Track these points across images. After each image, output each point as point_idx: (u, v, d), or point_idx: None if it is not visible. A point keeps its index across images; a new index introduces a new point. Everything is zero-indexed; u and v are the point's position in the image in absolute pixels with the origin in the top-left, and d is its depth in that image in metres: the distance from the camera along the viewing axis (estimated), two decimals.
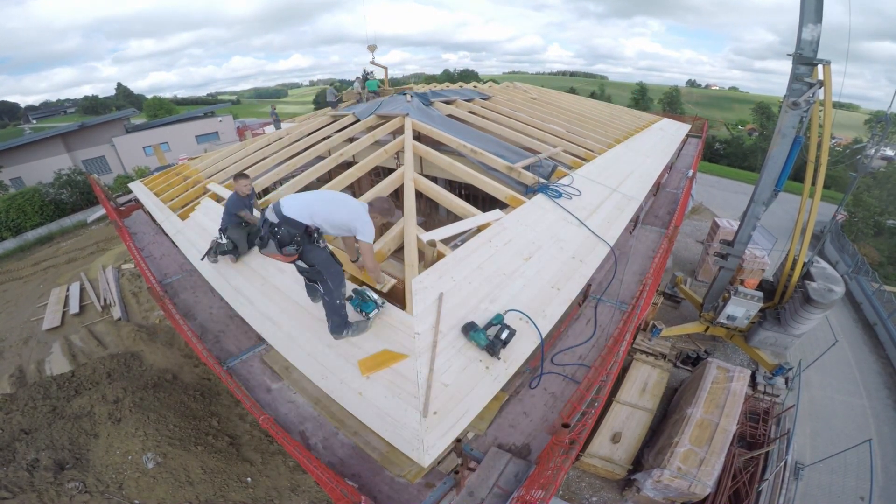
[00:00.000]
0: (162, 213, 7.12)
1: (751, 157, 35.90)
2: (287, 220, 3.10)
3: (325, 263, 3.37)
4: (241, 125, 28.01)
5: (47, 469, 6.66)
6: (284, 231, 3.09)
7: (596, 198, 6.59)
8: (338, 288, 3.46)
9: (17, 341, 11.62)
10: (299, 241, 3.16)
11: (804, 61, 6.83)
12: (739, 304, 9.32)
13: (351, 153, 7.54)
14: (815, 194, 7.99)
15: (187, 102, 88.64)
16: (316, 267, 3.33)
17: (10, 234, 19.29)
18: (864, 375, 10.71)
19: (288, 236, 3.10)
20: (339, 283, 3.47)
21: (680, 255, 15.94)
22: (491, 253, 4.71)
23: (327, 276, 3.37)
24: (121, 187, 16.61)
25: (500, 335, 3.47)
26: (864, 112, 73.21)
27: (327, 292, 3.44)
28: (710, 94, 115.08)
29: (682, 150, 14.04)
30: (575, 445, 2.84)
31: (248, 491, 6.92)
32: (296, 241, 3.14)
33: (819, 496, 7.65)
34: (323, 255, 3.37)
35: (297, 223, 3.12)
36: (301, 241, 3.18)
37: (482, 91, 12.94)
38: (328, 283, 3.40)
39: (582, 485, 7.49)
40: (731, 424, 7.00)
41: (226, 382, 3.82)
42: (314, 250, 3.30)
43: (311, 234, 3.26)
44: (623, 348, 4.02)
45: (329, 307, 3.52)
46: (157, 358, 10.19)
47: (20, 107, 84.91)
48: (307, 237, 3.23)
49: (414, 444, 2.86)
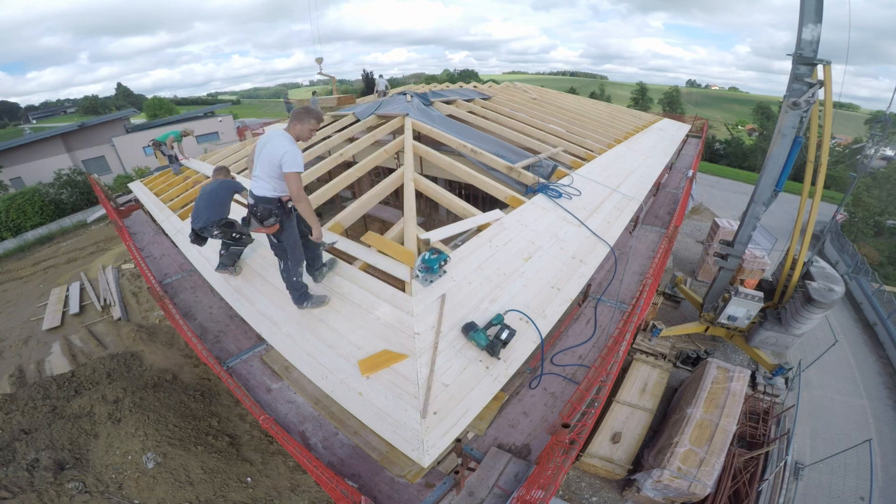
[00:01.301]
0: (162, 213, 7.12)
1: (751, 157, 35.92)
2: (259, 199, 3.41)
3: (292, 244, 3.68)
4: (241, 125, 27.99)
5: (47, 469, 6.66)
6: (261, 208, 3.40)
7: (596, 198, 6.59)
8: (295, 267, 3.81)
9: (17, 341, 11.61)
10: (277, 213, 3.43)
11: (804, 61, 6.83)
12: (740, 305, 9.32)
13: (351, 153, 7.53)
14: (815, 194, 7.99)
15: (187, 102, 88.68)
16: (283, 244, 3.65)
17: (9, 234, 19.28)
18: (864, 375, 10.71)
19: (266, 212, 3.39)
20: (297, 263, 3.81)
21: (680, 255, 15.94)
22: (491, 253, 4.71)
23: (290, 255, 3.71)
24: (121, 187, 16.60)
25: (500, 335, 3.47)
26: (864, 112, 73.24)
27: (285, 269, 3.81)
28: (710, 93, 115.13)
29: (682, 150, 14.04)
30: (575, 445, 2.84)
31: (248, 491, 6.92)
32: (274, 214, 3.42)
33: (819, 496, 7.65)
34: (293, 236, 3.67)
35: (268, 199, 3.40)
36: (279, 213, 3.45)
37: (482, 91, 12.93)
38: (287, 262, 3.76)
39: (582, 485, 7.49)
40: (731, 424, 7.00)
41: (226, 382, 3.81)
42: (289, 228, 3.59)
43: (285, 203, 3.49)
44: (623, 348, 4.02)
45: (287, 282, 3.92)
46: (157, 358, 10.19)
47: (20, 107, 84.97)
48: (283, 208, 3.48)
49: (414, 444, 2.86)
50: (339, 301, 4.14)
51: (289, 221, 3.57)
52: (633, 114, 16.17)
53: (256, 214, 3.41)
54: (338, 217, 5.38)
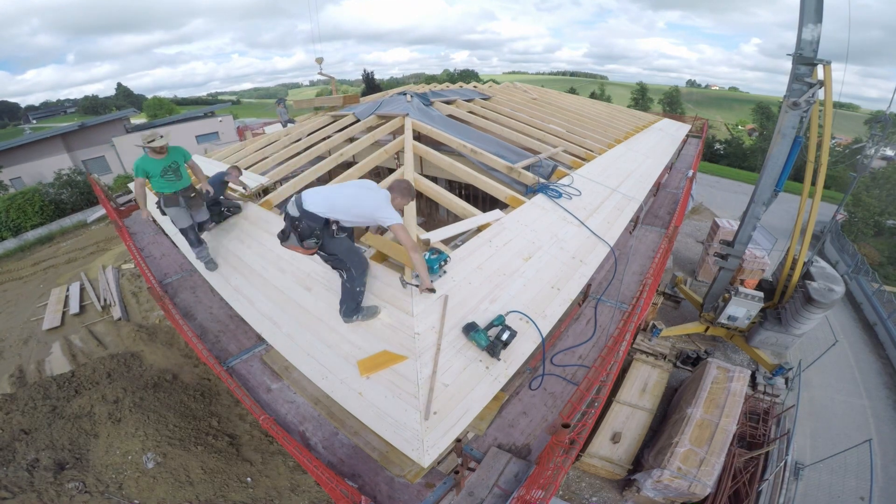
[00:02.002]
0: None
1: (751, 157, 35.93)
2: (307, 214, 3.15)
3: (347, 252, 3.45)
4: (241, 125, 28.01)
5: (47, 469, 6.66)
6: (304, 225, 3.15)
7: (596, 198, 6.59)
8: (360, 276, 3.55)
9: (17, 341, 11.61)
10: (319, 234, 3.22)
11: (804, 61, 6.83)
12: (740, 305, 9.32)
13: (351, 153, 7.53)
14: (815, 194, 7.99)
15: (187, 102, 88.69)
16: (338, 256, 3.43)
17: (10, 234, 19.28)
18: (864, 375, 10.71)
19: (308, 230, 3.17)
20: (361, 272, 3.54)
21: (680, 255, 15.94)
22: (491, 253, 4.71)
23: (350, 265, 3.48)
24: (121, 187, 16.60)
25: (501, 336, 3.47)
26: (864, 112, 73.25)
27: (349, 279, 3.54)
28: (710, 93, 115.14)
29: (682, 151, 14.04)
30: (575, 445, 2.84)
31: (248, 491, 6.92)
32: (315, 235, 3.20)
33: (819, 496, 7.65)
34: (344, 245, 3.43)
35: (316, 217, 3.16)
36: (321, 235, 3.25)
37: (482, 91, 12.93)
38: (351, 271, 3.50)
39: (582, 485, 7.49)
40: (731, 424, 7.00)
41: (226, 382, 3.81)
42: (334, 241, 3.36)
43: (331, 226, 3.29)
44: (623, 348, 4.01)
45: (347, 293, 3.61)
46: (157, 358, 10.19)
47: (20, 107, 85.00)
48: (327, 230, 3.28)
49: (414, 444, 2.86)
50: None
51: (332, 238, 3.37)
52: (633, 114, 16.16)
53: (297, 230, 3.20)
54: None
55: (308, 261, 4.69)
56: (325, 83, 15.14)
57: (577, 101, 15.60)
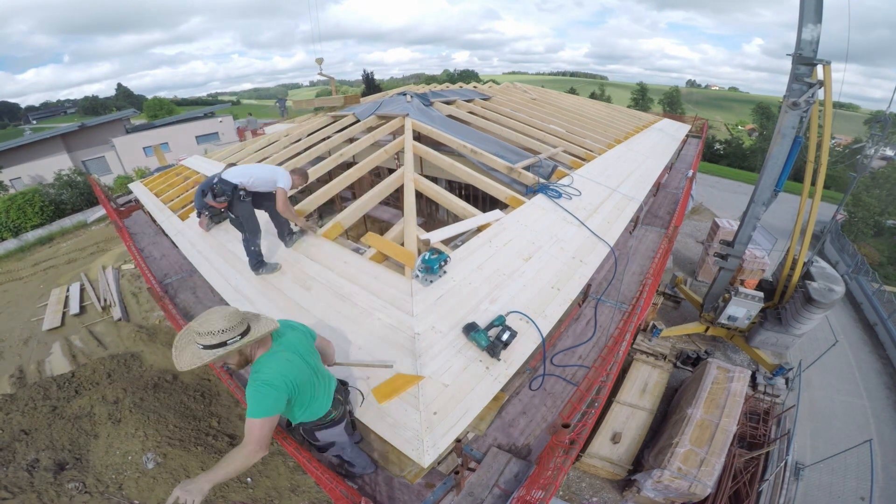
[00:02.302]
0: (162, 214, 7.12)
1: (751, 157, 35.96)
2: (222, 181, 4.31)
3: (246, 216, 4.46)
4: (241, 125, 28.04)
5: (47, 469, 6.66)
6: (219, 187, 4.27)
7: (596, 198, 6.59)
8: (253, 237, 4.58)
9: (17, 342, 11.61)
10: (229, 194, 4.30)
11: (804, 61, 6.83)
12: (740, 305, 9.32)
13: (351, 153, 7.53)
14: (815, 194, 7.98)
15: (188, 103, 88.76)
16: (238, 218, 4.46)
17: (10, 234, 19.29)
18: (864, 375, 10.71)
19: (220, 191, 4.28)
20: (254, 234, 4.59)
21: (680, 255, 15.94)
22: (491, 253, 4.71)
23: (246, 227, 4.50)
24: (121, 188, 16.63)
25: (501, 336, 3.47)
26: (864, 112, 73.25)
27: (245, 239, 4.59)
28: (710, 94, 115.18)
29: (682, 151, 14.05)
30: (575, 446, 2.84)
31: (248, 491, 6.91)
32: (226, 194, 4.28)
33: (819, 496, 7.65)
34: (247, 210, 4.45)
35: (228, 182, 4.30)
36: (231, 196, 4.29)
37: (482, 91, 12.93)
38: (245, 232, 4.54)
39: (582, 485, 7.49)
40: (731, 425, 7.00)
41: (225, 382, 3.81)
42: (239, 205, 4.38)
43: (237, 190, 4.32)
44: (623, 348, 4.02)
45: (247, 251, 4.65)
46: (157, 358, 10.19)
47: (20, 107, 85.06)
48: (234, 192, 4.32)
49: (414, 444, 2.86)
50: (339, 301, 4.14)
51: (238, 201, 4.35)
52: (633, 114, 16.17)
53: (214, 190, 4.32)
54: (338, 217, 5.38)
55: (308, 261, 4.71)
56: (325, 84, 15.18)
57: (577, 102, 15.61)
